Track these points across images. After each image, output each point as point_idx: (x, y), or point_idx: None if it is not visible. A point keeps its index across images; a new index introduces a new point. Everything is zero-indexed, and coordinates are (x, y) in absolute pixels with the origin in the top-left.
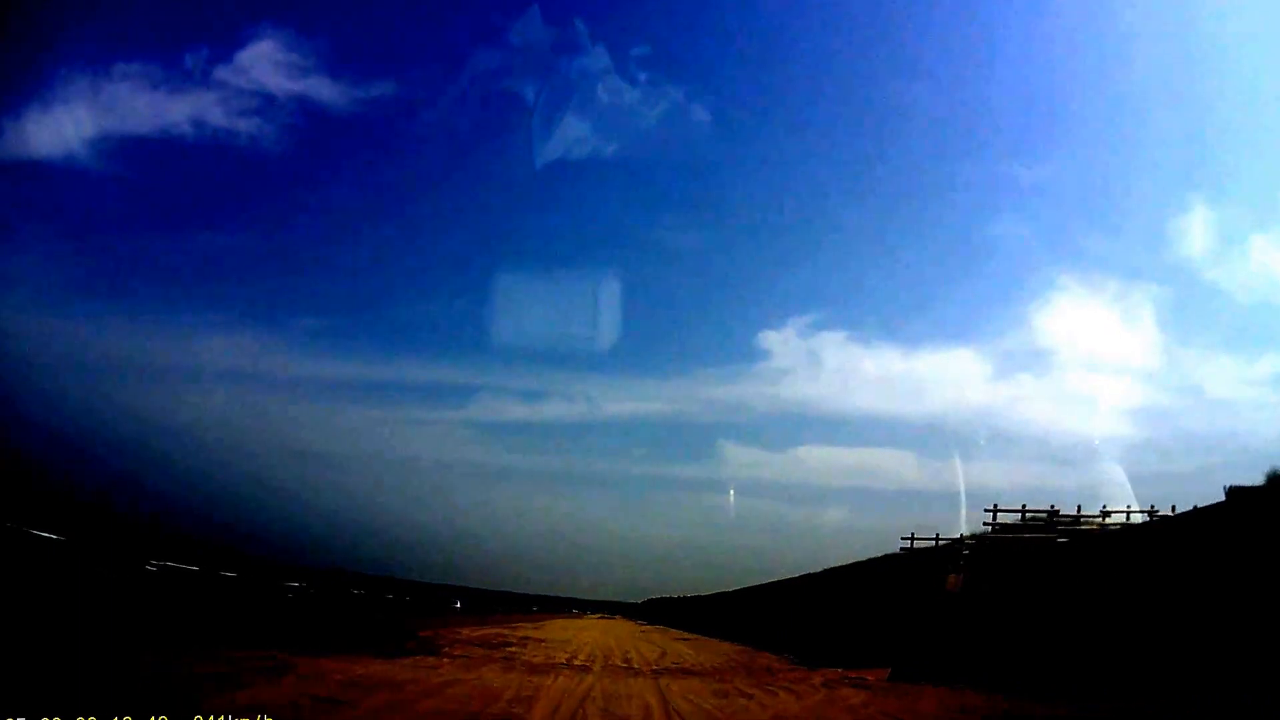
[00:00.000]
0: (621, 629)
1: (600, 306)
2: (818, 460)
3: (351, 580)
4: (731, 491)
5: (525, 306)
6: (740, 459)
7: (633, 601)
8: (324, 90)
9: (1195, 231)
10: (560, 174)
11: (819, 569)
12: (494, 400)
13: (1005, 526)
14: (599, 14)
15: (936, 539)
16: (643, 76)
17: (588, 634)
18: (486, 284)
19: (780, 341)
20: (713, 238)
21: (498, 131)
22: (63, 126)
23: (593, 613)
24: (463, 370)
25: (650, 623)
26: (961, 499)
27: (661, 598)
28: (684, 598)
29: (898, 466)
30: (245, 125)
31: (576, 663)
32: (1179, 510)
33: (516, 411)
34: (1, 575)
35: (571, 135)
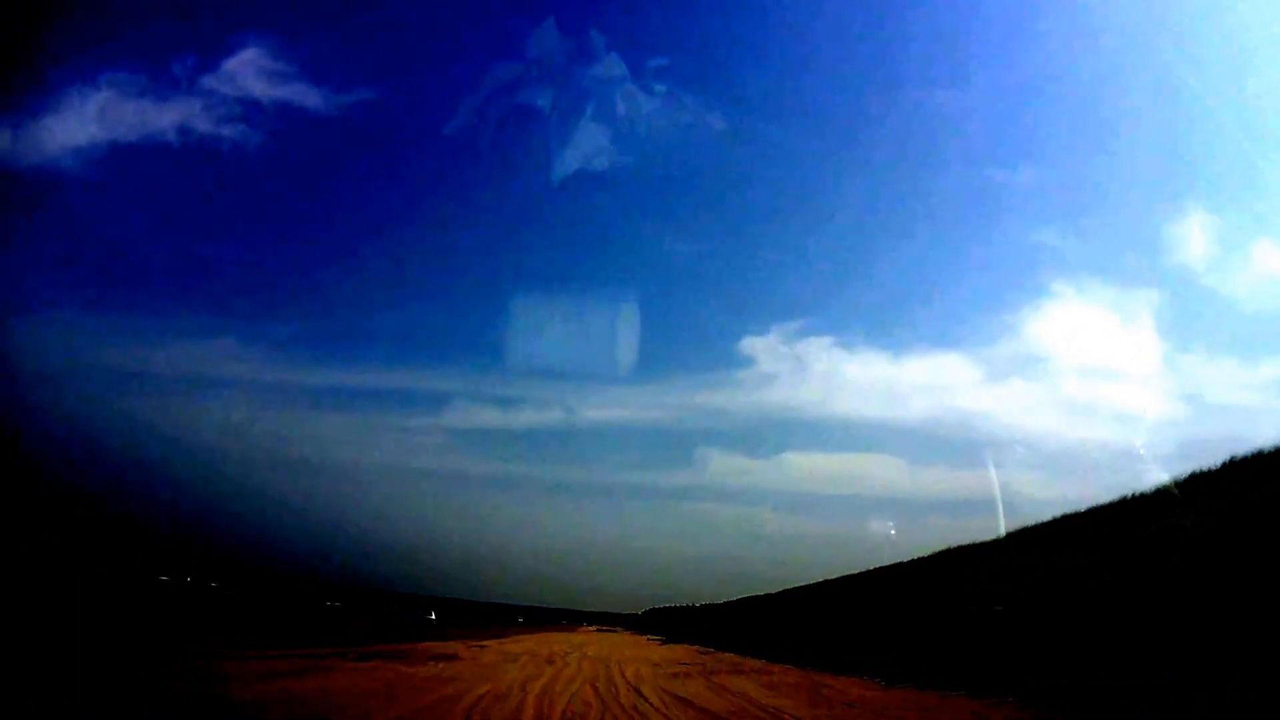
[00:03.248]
0: (630, 656)
1: (584, 315)
2: (804, 466)
3: (330, 589)
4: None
5: (505, 314)
6: (723, 466)
7: (632, 612)
8: (313, 98)
9: (1194, 237)
10: (559, 185)
11: None
12: (469, 407)
13: None
14: (615, 25)
15: None
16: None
17: (567, 674)
18: (465, 291)
19: (764, 348)
20: (695, 245)
21: (490, 141)
22: (49, 135)
23: (589, 624)
24: (435, 377)
25: (668, 638)
26: (998, 502)
27: (668, 607)
28: (701, 606)
29: (887, 472)
30: (230, 131)
31: None
32: None
33: (492, 419)
34: None
35: (579, 147)
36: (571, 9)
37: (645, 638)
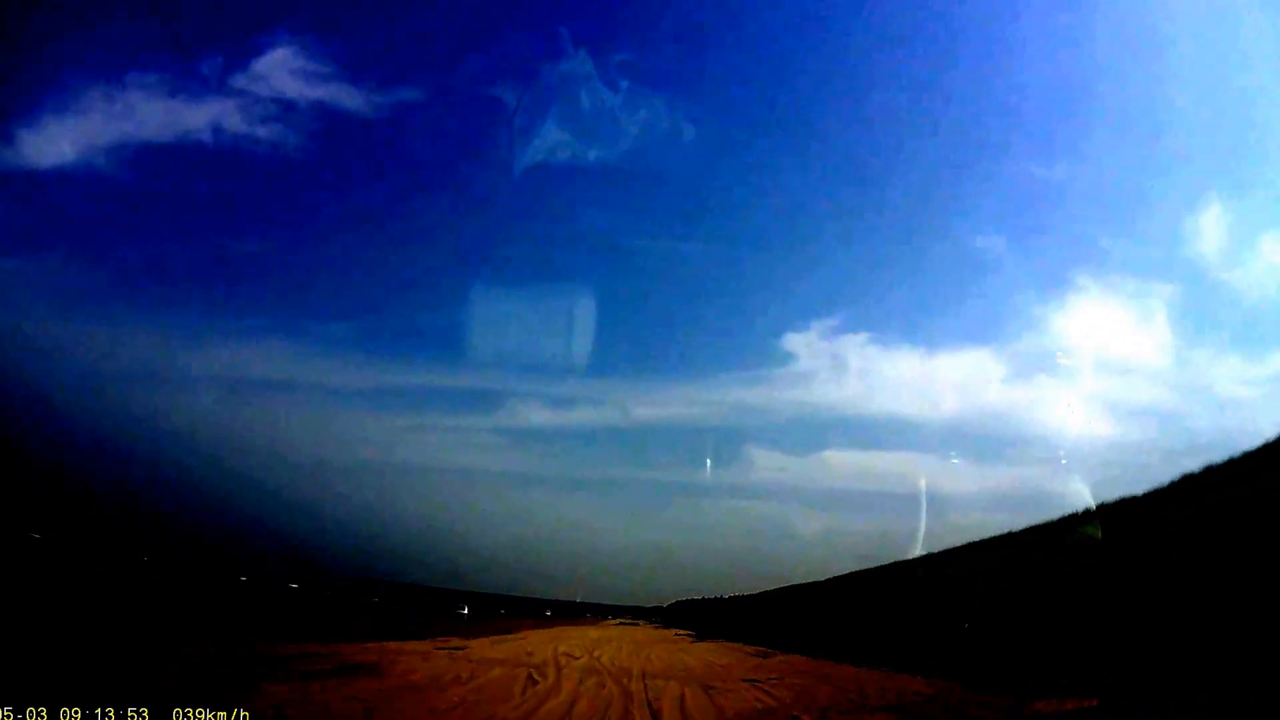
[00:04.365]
0: (662, 664)
1: (625, 315)
2: (843, 464)
3: (378, 586)
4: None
5: (552, 314)
6: (765, 463)
7: (656, 605)
8: (344, 95)
9: (1208, 229)
10: (570, 183)
11: None
12: (523, 406)
13: None
14: (582, 19)
15: None
16: (624, 84)
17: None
18: (510, 291)
19: (804, 344)
20: (735, 242)
21: (499, 139)
22: (80, 134)
23: (613, 617)
24: (490, 376)
25: (699, 634)
26: (922, 514)
27: (695, 599)
28: (730, 598)
29: (920, 470)
30: (264, 131)
31: None
32: None
33: (545, 418)
34: None
35: (558, 141)
36: (541, 4)
37: (673, 633)
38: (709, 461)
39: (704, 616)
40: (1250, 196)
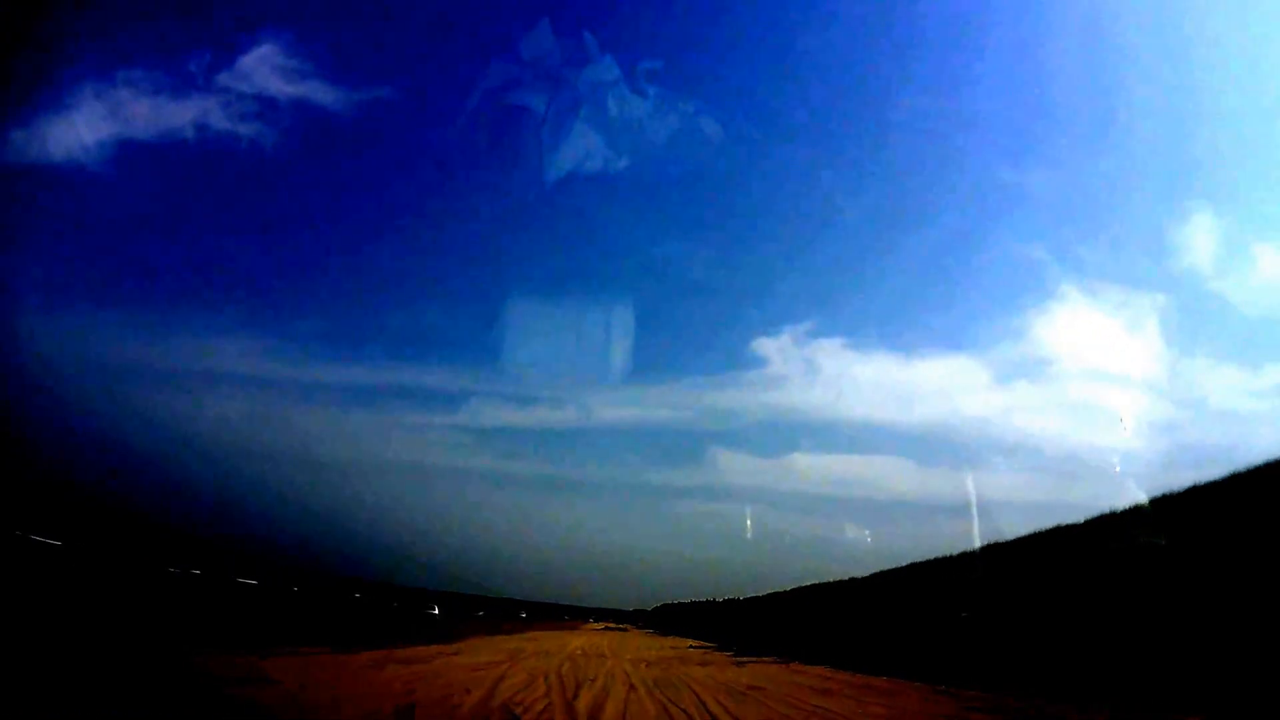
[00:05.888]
0: None
1: (596, 316)
2: (811, 467)
3: (359, 586)
4: (748, 512)
5: (520, 314)
6: (732, 466)
7: (639, 609)
8: (326, 95)
9: (1199, 241)
10: (562, 186)
11: None
12: (487, 406)
13: None
14: (608, 26)
15: None
16: (652, 90)
17: None
18: (483, 291)
19: (776, 349)
20: (709, 246)
21: (496, 141)
22: (68, 132)
23: (594, 620)
24: (454, 375)
25: (738, 649)
26: (973, 511)
27: (683, 603)
28: (724, 601)
29: (893, 475)
30: (247, 129)
31: None
32: None
33: (510, 417)
34: None
35: (579, 148)
36: (565, 10)
37: (687, 645)
38: (680, 463)
39: (710, 622)
40: (1241, 209)
